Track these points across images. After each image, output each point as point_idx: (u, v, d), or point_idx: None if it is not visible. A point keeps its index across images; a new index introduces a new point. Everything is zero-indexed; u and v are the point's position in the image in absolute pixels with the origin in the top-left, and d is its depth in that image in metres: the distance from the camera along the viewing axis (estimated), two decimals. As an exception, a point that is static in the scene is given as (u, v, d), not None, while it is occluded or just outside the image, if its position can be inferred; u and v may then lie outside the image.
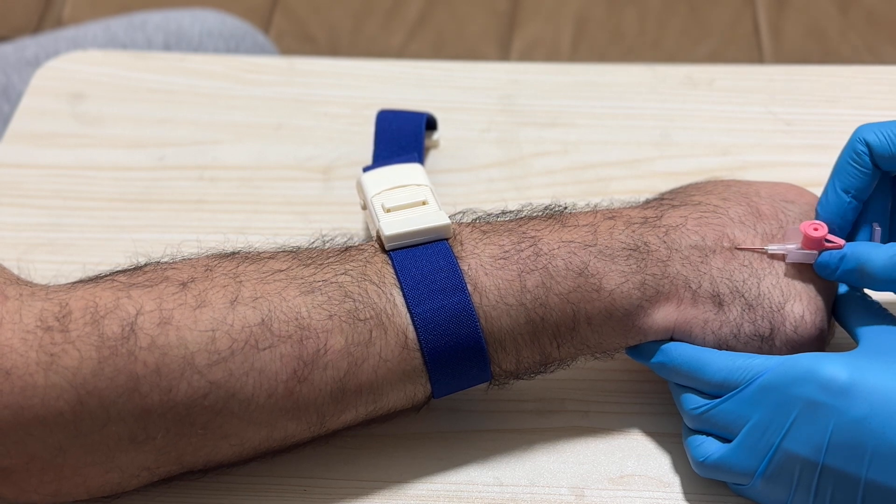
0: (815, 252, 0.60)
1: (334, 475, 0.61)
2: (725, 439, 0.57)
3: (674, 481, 0.61)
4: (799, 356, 0.55)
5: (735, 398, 0.56)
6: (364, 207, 0.63)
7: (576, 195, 0.76)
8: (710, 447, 0.57)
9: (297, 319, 0.55)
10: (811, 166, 0.78)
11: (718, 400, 0.57)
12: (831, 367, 0.54)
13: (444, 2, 1.94)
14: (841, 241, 0.60)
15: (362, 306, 0.56)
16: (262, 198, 0.78)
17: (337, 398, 0.56)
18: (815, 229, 0.60)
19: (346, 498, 0.60)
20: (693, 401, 0.58)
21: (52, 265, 0.72)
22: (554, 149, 0.80)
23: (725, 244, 0.60)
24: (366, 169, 0.68)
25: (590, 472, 0.61)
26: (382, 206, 0.62)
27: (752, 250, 0.60)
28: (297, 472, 0.61)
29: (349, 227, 0.74)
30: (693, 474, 0.61)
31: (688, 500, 0.60)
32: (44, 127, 0.83)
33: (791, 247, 0.60)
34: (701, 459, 0.58)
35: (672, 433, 0.63)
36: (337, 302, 0.56)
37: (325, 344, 0.56)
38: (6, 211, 0.77)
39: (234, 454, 0.57)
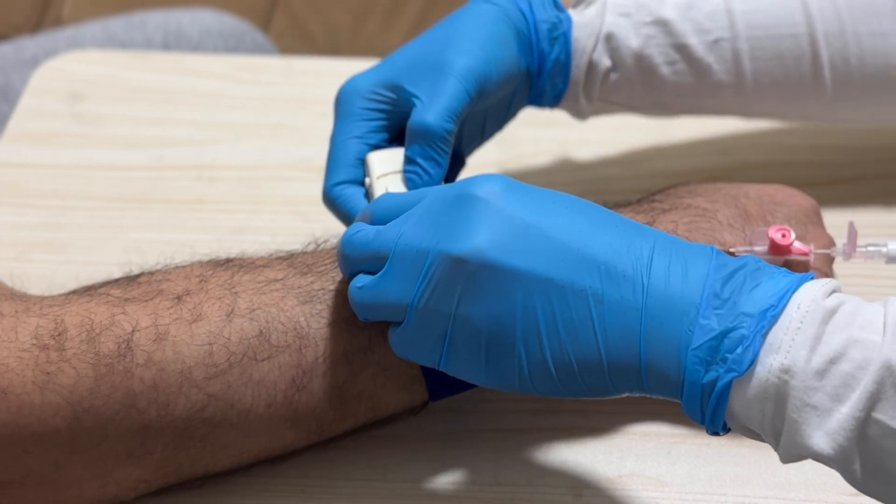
0: (780, 258, 0.59)
1: (333, 474, 0.61)
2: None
3: (672, 481, 0.61)
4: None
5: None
6: (368, 188, 0.63)
7: (575, 195, 0.76)
8: (365, 279, 0.54)
9: (295, 329, 0.55)
10: (811, 166, 0.78)
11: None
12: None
13: (444, 2, 1.94)
14: (807, 249, 0.60)
15: None
16: (261, 198, 0.78)
17: (335, 406, 0.56)
18: (783, 235, 0.59)
19: (345, 497, 0.60)
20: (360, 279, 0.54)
21: (51, 265, 0.72)
22: (553, 149, 0.80)
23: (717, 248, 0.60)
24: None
25: (588, 471, 0.61)
26: (386, 190, 0.61)
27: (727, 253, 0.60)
28: (297, 471, 0.61)
29: (348, 226, 0.74)
30: (692, 474, 0.61)
31: (686, 499, 0.60)
32: (42, 127, 0.83)
33: (758, 249, 0.60)
34: (358, 286, 0.53)
35: (671, 433, 0.63)
36: (336, 310, 0.56)
37: (325, 352, 0.56)
38: (5, 211, 0.77)
39: (233, 464, 0.57)
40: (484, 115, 0.67)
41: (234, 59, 0.94)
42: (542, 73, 0.66)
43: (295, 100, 0.85)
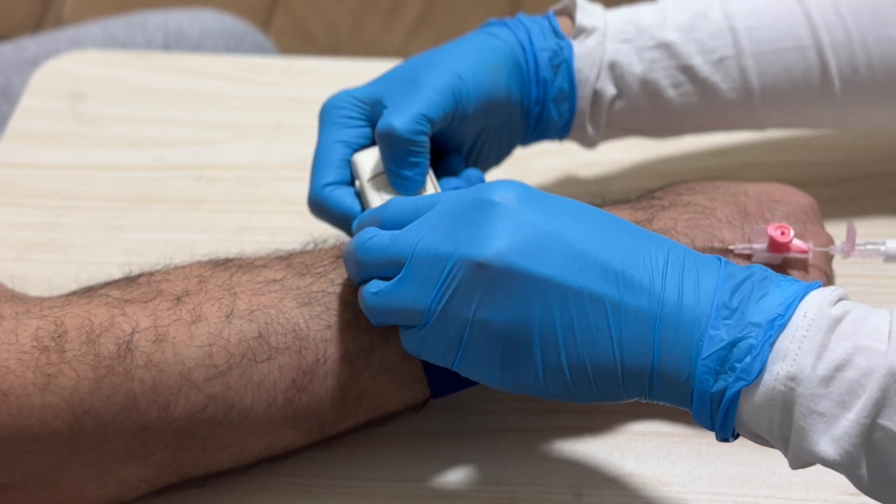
0: (779, 256, 0.60)
1: (334, 473, 0.61)
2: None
3: (672, 480, 0.61)
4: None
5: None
6: (359, 190, 0.63)
7: (575, 195, 0.76)
8: (380, 284, 0.53)
9: (294, 331, 0.55)
10: (811, 166, 0.78)
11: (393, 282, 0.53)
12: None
13: (444, 2, 1.94)
14: (806, 247, 0.60)
15: (363, 315, 0.56)
16: (261, 198, 0.78)
17: (337, 406, 0.57)
18: (782, 233, 0.59)
19: (345, 496, 0.60)
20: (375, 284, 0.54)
21: (51, 265, 0.72)
22: (554, 149, 0.80)
23: (716, 245, 0.60)
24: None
25: (589, 471, 0.61)
26: (379, 195, 0.61)
27: (721, 252, 0.60)
28: (297, 470, 0.61)
29: (348, 226, 0.74)
30: (692, 473, 0.61)
31: (686, 499, 0.60)
32: (43, 127, 0.83)
33: (758, 247, 0.60)
34: (373, 291, 0.53)
35: (671, 433, 0.63)
36: (336, 312, 0.56)
37: (325, 353, 0.56)
38: (5, 211, 0.77)
39: (234, 463, 0.57)
40: (477, 144, 0.66)
41: (234, 59, 0.94)
42: (546, 101, 0.66)
43: (295, 100, 0.85)
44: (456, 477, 0.61)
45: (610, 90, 0.67)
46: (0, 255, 0.73)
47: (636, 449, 0.62)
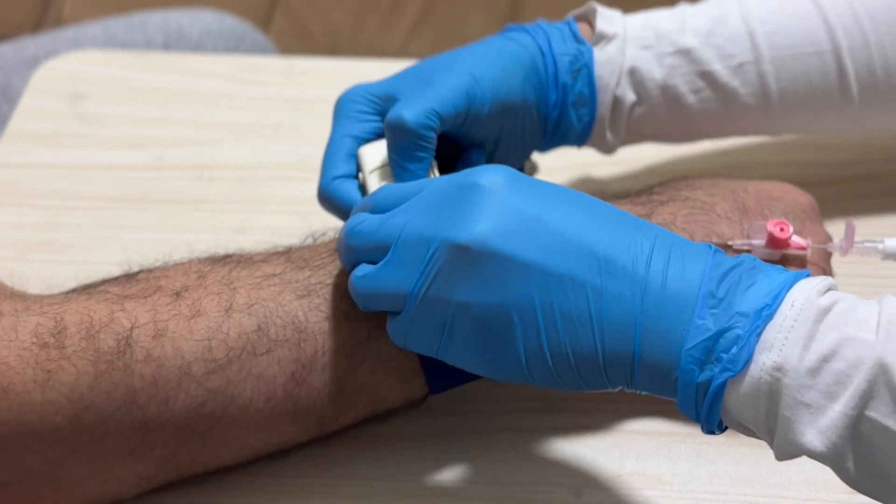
0: (778, 252, 0.60)
1: (333, 474, 0.61)
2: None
3: (672, 480, 0.61)
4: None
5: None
6: (362, 182, 0.63)
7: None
8: (367, 268, 0.54)
9: (293, 323, 0.56)
10: (811, 166, 0.78)
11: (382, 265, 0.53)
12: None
13: (444, 2, 1.94)
14: (805, 243, 0.60)
15: None
16: (260, 198, 0.78)
17: (335, 399, 0.57)
18: (781, 229, 0.59)
19: (344, 497, 0.60)
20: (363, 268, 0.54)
21: (51, 265, 0.72)
22: (553, 148, 0.80)
23: (715, 240, 0.60)
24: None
25: (589, 470, 0.61)
26: (378, 184, 0.61)
27: (720, 247, 0.60)
28: (296, 470, 0.61)
29: (348, 226, 0.74)
30: (692, 473, 0.61)
31: (686, 498, 0.60)
32: (43, 127, 0.83)
33: (756, 243, 0.60)
34: (360, 275, 0.54)
35: (672, 432, 0.63)
36: (334, 303, 0.56)
37: (323, 345, 0.56)
38: (5, 211, 0.77)
39: (234, 460, 0.57)
40: (492, 146, 0.66)
41: (234, 59, 0.94)
42: (565, 105, 0.66)
43: (295, 100, 0.85)
44: (455, 476, 0.61)
45: (630, 97, 0.67)
46: (0, 255, 0.73)
47: (636, 448, 0.62)
